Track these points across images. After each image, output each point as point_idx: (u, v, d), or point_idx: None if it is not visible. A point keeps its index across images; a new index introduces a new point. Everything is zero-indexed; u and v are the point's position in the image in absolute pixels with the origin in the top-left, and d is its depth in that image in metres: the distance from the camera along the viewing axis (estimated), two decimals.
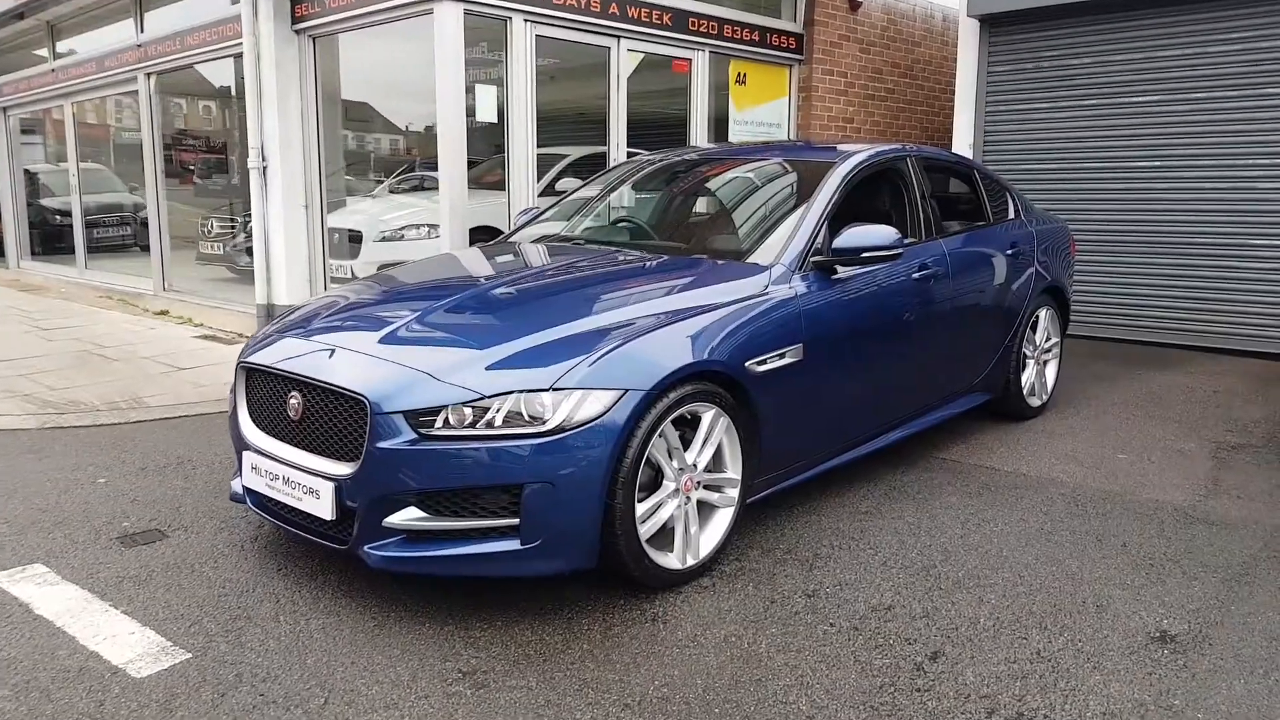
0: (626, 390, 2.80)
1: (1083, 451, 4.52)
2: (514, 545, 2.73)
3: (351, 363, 2.93)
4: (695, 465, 3.07)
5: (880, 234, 3.55)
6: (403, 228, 7.74)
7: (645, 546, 2.91)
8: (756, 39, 8.03)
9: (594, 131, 7.35)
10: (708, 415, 3.07)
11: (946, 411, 4.49)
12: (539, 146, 7.03)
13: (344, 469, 2.82)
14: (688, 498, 3.06)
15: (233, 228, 9.48)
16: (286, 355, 3.10)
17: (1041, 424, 5.00)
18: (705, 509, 3.20)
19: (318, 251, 7.37)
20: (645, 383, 2.84)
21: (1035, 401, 5.10)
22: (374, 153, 8.86)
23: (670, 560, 3.02)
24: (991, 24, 7.72)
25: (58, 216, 13.22)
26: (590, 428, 2.73)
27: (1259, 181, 6.75)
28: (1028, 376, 5.02)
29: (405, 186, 8.40)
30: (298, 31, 7.15)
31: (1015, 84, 7.71)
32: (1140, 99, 7.14)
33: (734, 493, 3.22)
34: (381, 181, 8.68)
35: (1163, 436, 4.79)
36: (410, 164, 8.45)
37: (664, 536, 3.05)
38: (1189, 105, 6.95)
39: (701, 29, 7.56)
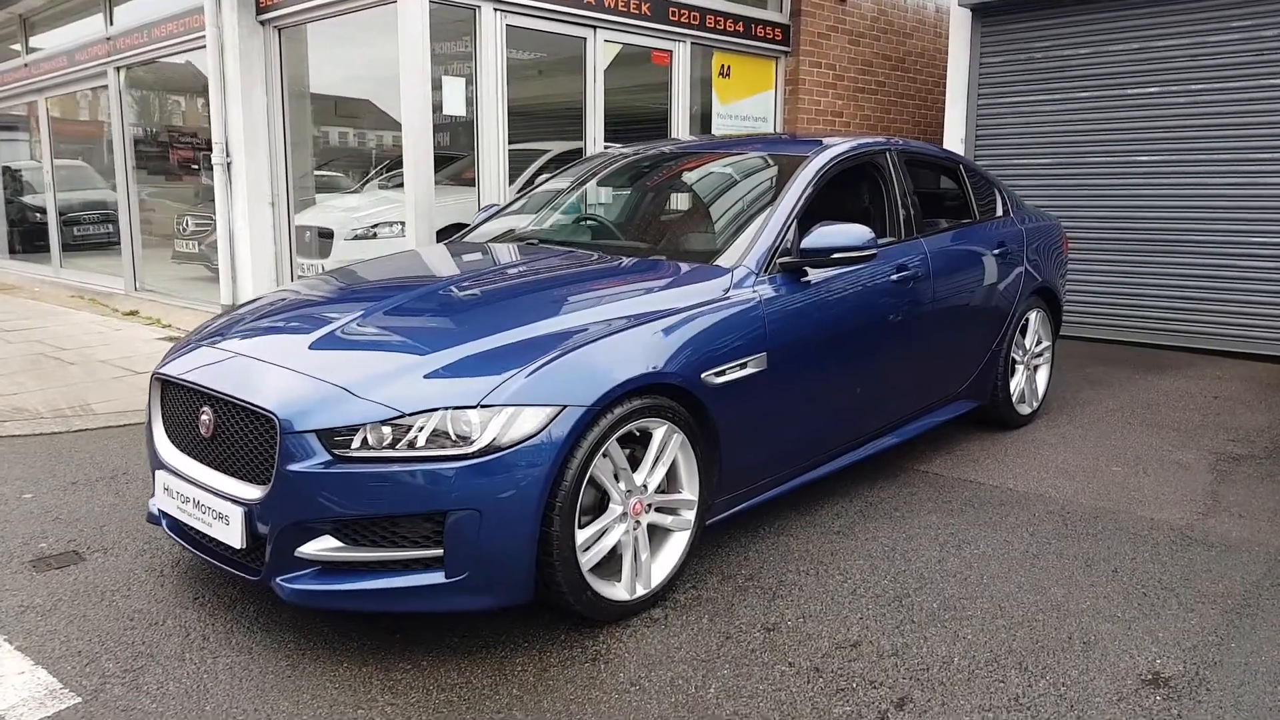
0: (565, 406, 2.54)
1: (1074, 464, 4.26)
2: (438, 579, 2.48)
3: (264, 376, 2.68)
4: (645, 486, 2.81)
5: (852, 233, 3.29)
6: (375, 225, 7.48)
7: (587, 577, 2.65)
8: (741, 30, 7.76)
9: (577, 127, 7.08)
10: (659, 432, 2.81)
11: (929, 421, 4.23)
12: (520, 142, 6.77)
13: (254, 492, 2.57)
14: (637, 522, 2.80)
15: (209, 225, 9.22)
16: (198, 366, 2.84)
17: (1031, 433, 4.74)
18: (658, 533, 2.94)
19: (284, 250, 7.11)
20: (586, 397, 2.58)
21: (1025, 409, 4.84)
22: (358, 148, 8.60)
23: (617, 591, 2.76)
24: (984, 14, 7.44)
25: (39, 214, 12.96)
26: (523, 448, 2.47)
27: (1262, 176, 6.47)
28: (1017, 383, 4.76)
29: (393, 184, 8.14)
30: (263, 22, 6.89)
31: (1008, 76, 7.43)
32: (1138, 91, 6.86)
33: (690, 515, 2.96)
34: (363, 178, 8.42)
35: (1160, 447, 4.52)
36: (396, 159, 8.18)
37: (612, 564, 2.79)
38: (1189, 97, 6.68)
39: (683, 19, 7.29)
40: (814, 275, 3.42)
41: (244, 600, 2.91)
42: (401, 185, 7.94)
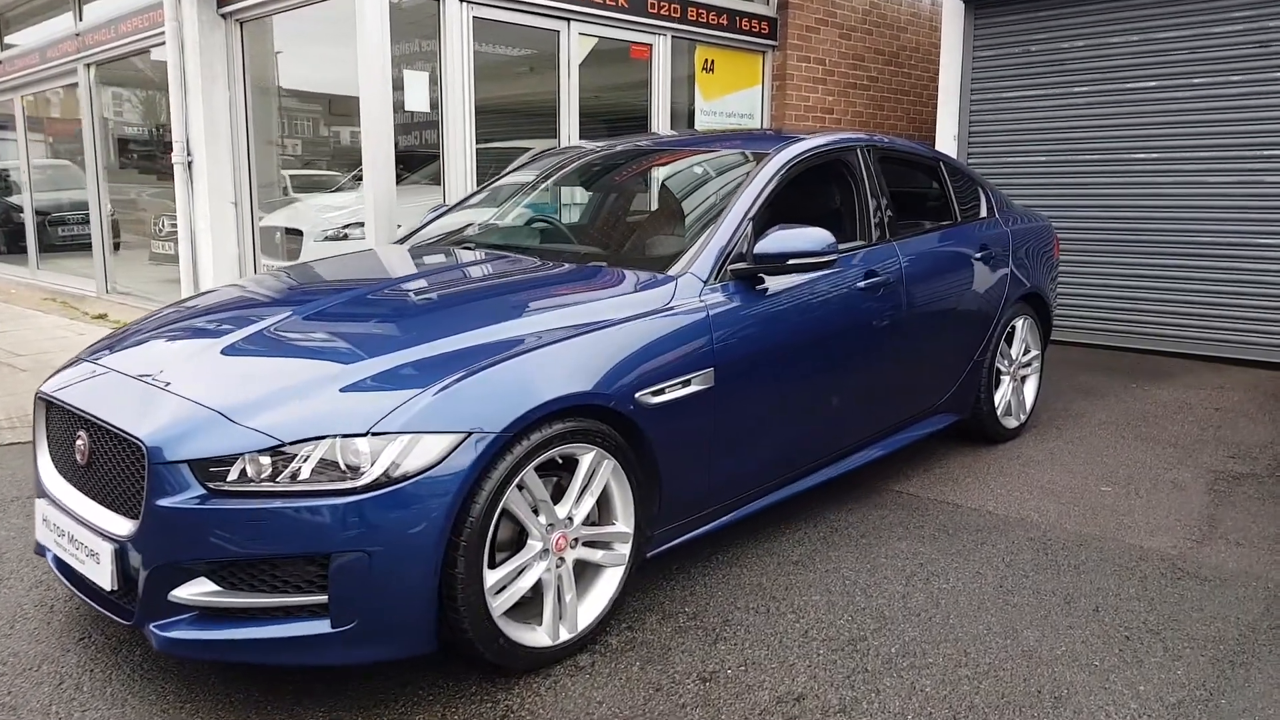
0: (470, 433, 2.27)
1: (1061, 483, 3.97)
2: (324, 628, 2.20)
3: (138, 397, 2.41)
4: (571, 519, 2.53)
5: (808, 237, 3.00)
6: (346, 225, 7.22)
7: (499, 622, 2.38)
8: (725, 23, 7.47)
9: (553, 125, 6.80)
10: (586, 458, 2.54)
11: (905, 437, 3.94)
12: (499, 141, 6.50)
13: (125, 527, 2.30)
14: (561, 559, 2.52)
15: None
16: (74, 383, 2.58)
17: (1018, 448, 4.44)
18: (589, 570, 2.67)
19: (248, 252, 6.85)
20: (496, 422, 2.30)
21: (1011, 422, 4.54)
22: (350, 146, 8.34)
23: (537, 636, 2.48)
24: (977, 5, 7.14)
25: (24, 214, 12.78)
26: (420, 481, 2.20)
27: (1267, 174, 6.16)
28: (1002, 394, 4.46)
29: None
30: (224, 15, 6.63)
31: (1003, 71, 7.13)
32: (1137, 85, 6.55)
33: (624, 549, 2.68)
34: (339, 176, 8.16)
35: (1154, 464, 4.22)
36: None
37: (535, 604, 2.52)
38: (1190, 92, 6.36)
39: (663, 12, 7.00)
40: (772, 283, 3.14)
41: (132, 643, 2.65)
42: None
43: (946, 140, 7.33)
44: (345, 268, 3.56)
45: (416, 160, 6.76)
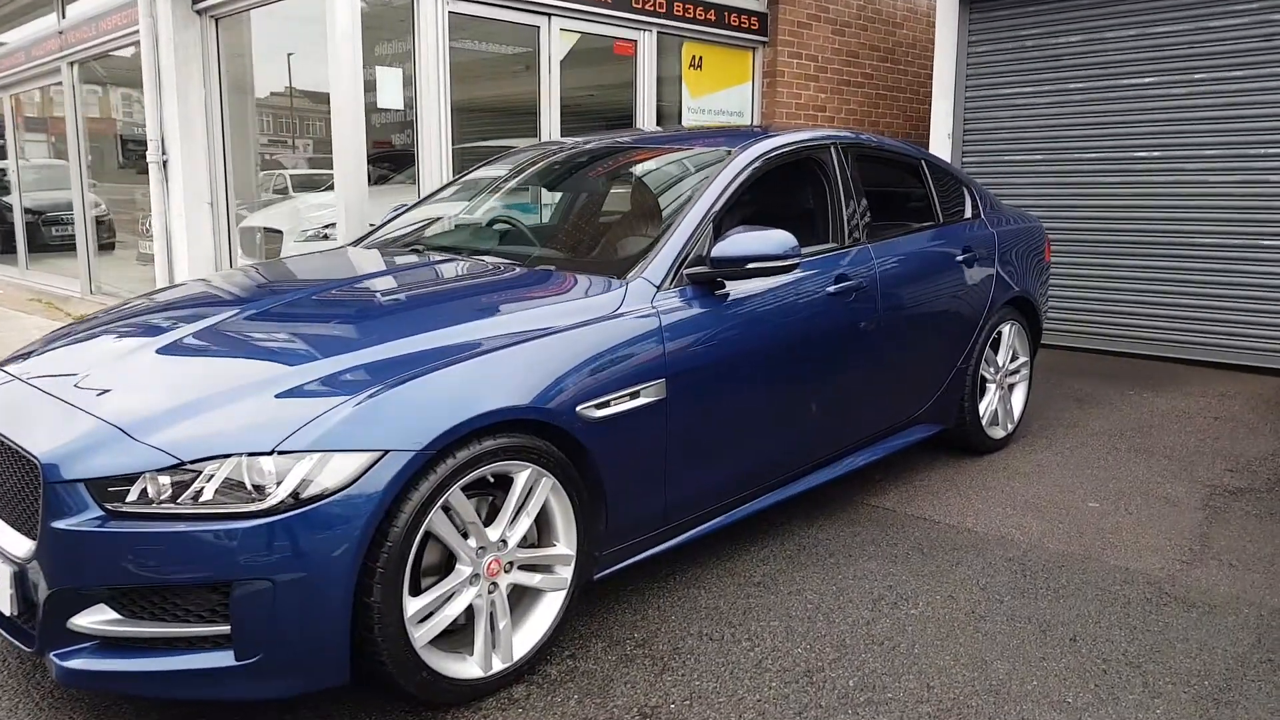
0: (387, 451, 2.10)
1: (1046, 498, 3.78)
2: (228, 660, 2.04)
3: (39, 408, 2.26)
4: (505, 542, 2.37)
5: (769, 240, 2.83)
6: (328, 225, 7.08)
7: (423, 653, 2.22)
8: (713, 19, 7.29)
9: (533, 124, 6.64)
10: (522, 476, 2.37)
11: (882, 449, 3.76)
12: (478, 140, 6.35)
13: (24, 549, 2.15)
14: (494, 584, 2.36)
15: None
16: None
17: (1004, 460, 4.26)
18: (528, 595, 2.50)
19: (224, 253, 6.71)
20: (416, 440, 2.14)
21: (998, 432, 4.35)
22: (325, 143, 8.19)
23: (467, 668, 2.32)
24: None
25: (24, 214, 12.71)
26: (331, 503, 2.04)
27: (1271, 173, 5.95)
28: (988, 403, 4.28)
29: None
30: (199, 12, 6.49)
31: (999, 67, 6.93)
32: (1135, 80, 6.34)
33: (566, 573, 2.52)
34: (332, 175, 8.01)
35: (1147, 478, 4.03)
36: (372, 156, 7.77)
37: (468, 631, 2.36)
38: (1190, 87, 6.15)
39: (648, 7, 6.82)
40: (734, 288, 2.97)
41: (44, 667, 2.49)
42: (376, 183, 7.55)
43: (941, 138, 7.14)
44: (290, 269, 3.41)
45: (406, 159, 6.60)
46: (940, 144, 7.15)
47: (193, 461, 2.04)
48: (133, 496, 2.04)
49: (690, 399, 2.76)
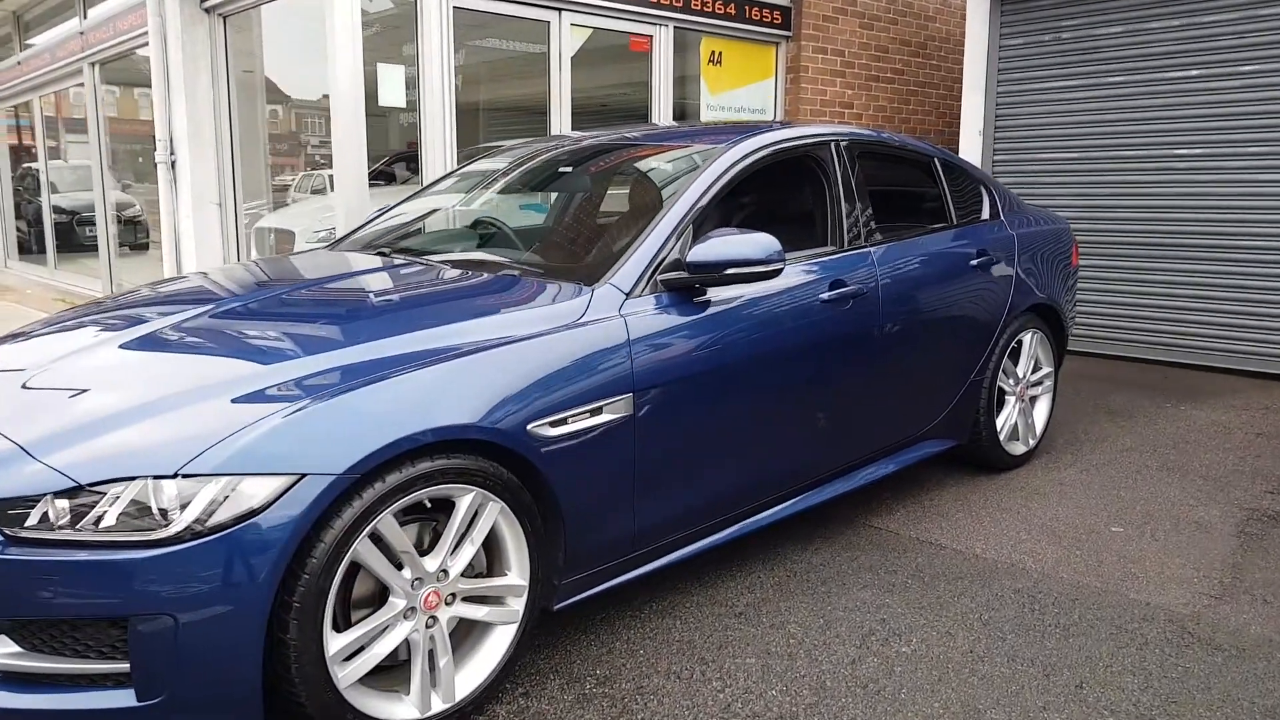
0: (304, 475, 1.92)
1: (1066, 521, 3.50)
2: (129, 700, 1.88)
3: None
4: (446, 572, 2.18)
5: (750, 243, 2.61)
6: (333, 228, 6.99)
7: (350, 693, 2.04)
8: (733, 13, 7.05)
9: (543, 123, 6.46)
10: (464, 501, 2.18)
11: (888, 466, 3.50)
12: (487, 139, 6.20)
13: None
14: (433, 618, 2.17)
15: None
16: None
17: (1023, 478, 3.97)
18: (477, 628, 2.31)
19: (232, 253, 6.64)
20: (337, 462, 1.96)
21: (1018, 448, 4.07)
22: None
23: (403, 709, 2.14)
24: None
25: (57, 215, 12.90)
26: (238, 532, 1.86)
27: None
28: (1006, 417, 3.99)
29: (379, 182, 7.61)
30: (207, 10, 6.42)
31: (1032, 60, 6.59)
32: (1179, 74, 5.97)
33: (519, 604, 2.32)
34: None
35: (1178, 500, 3.73)
36: (393, 155, 7.68)
37: (406, 669, 2.18)
38: (1239, 81, 5.77)
39: (664, 1, 6.61)
40: (715, 295, 2.75)
41: None
42: (387, 183, 7.44)
43: (971, 135, 6.82)
44: (258, 271, 3.26)
45: (412, 160, 6.47)
46: (971, 141, 6.83)
47: (94, 484, 1.87)
48: (32, 521, 1.89)
49: (661, 416, 2.55)
